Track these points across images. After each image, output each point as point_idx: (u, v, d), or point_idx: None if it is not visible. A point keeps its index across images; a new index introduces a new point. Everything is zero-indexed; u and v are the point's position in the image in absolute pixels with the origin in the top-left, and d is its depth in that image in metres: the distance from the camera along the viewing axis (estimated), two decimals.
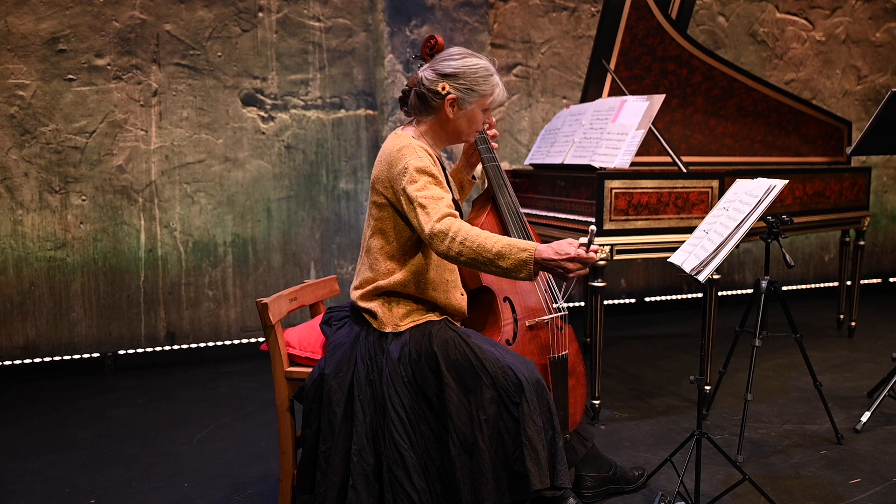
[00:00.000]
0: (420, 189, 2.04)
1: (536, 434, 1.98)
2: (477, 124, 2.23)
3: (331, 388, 2.12)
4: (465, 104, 2.17)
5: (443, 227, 1.98)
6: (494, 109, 2.26)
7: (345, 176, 4.61)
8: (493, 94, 2.19)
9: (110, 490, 2.73)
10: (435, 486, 2.06)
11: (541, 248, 1.93)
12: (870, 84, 5.90)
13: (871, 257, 6.05)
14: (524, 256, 1.92)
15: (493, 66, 2.21)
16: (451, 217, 2.00)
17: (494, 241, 1.95)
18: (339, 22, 4.51)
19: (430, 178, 2.07)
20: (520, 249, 1.93)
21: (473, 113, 2.20)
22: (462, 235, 1.96)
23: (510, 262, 1.93)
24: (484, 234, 1.96)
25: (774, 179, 2.41)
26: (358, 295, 2.22)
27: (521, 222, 2.44)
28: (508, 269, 1.94)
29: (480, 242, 1.94)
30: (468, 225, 1.99)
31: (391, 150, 2.14)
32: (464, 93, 2.16)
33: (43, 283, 4.08)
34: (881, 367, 3.99)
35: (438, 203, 2.02)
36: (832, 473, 2.78)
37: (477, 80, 2.16)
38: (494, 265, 1.95)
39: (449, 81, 2.16)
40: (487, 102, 2.20)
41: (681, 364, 4.18)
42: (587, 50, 4.97)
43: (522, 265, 1.93)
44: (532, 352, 2.36)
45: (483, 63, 2.19)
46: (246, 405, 3.62)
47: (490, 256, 1.94)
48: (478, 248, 1.94)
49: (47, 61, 3.99)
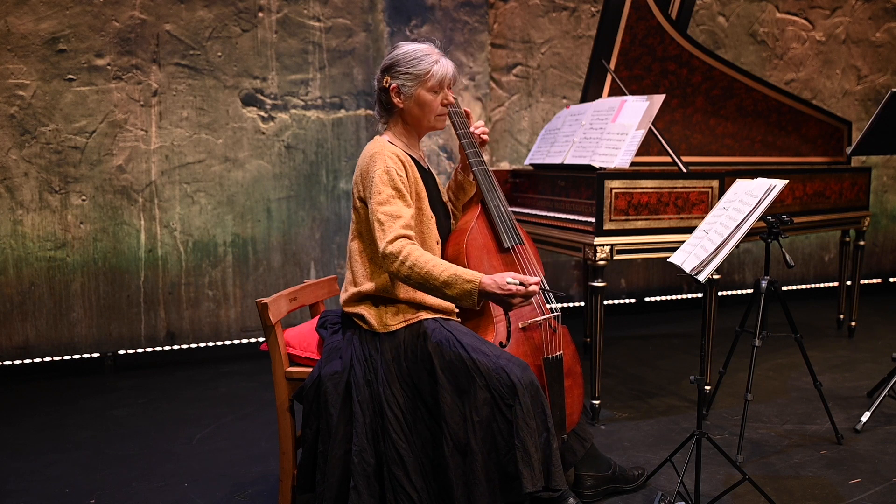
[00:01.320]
0: (381, 203, 2.09)
1: (529, 436, 1.98)
2: (429, 106, 2.23)
3: (327, 390, 2.13)
4: (407, 89, 2.20)
5: (394, 249, 2.04)
6: (446, 85, 2.26)
7: (345, 176, 4.61)
8: (431, 71, 2.20)
9: (110, 490, 2.73)
10: (433, 485, 2.07)
11: (485, 280, 2.00)
12: (870, 84, 5.90)
13: (871, 257, 6.05)
14: (469, 287, 2.00)
15: (433, 47, 2.24)
16: (403, 239, 2.05)
17: (442, 269, 2.01)
18: (339, 22, 4.51)
19: (394, 192, 2.11)
20: (465, 280, 2.00)
21: (420, 96, 2.21)
22: (411, 261, 2.02)
23: (456, 290, 2.01)
24: (432, 262, 2.02)
25: (774, 179, 2.41)
26: (344, 300, 2.25)
27: (511, 225, 2.42)
28: (454, 298, 2.03)
29: (428, 270, 2.01)
30: (419, 250, 2.04)
31: (365, 157, 2.19)
32: (402, 78, 2.20)
33: (43, 283, 4.08)
34: (881, 367, 3.99)
35: (395, 222, 2.06)
36: (832, 473, 2.78)
37: (411, 63, 2.19)
38: (441, 292, 2.03)
39: (388, 73, 2.22)
40: (430, 81, 2.20)
41: (681, 364, 4.18)
42: (587, 50, 4.97)
43: (467, 295, 2.01)
44: (526, 353, 2.35)
45: (419, 46, 2.23)
46: (246, 405, 3.62)
47: (437, 284, 2.02)
48: (425, 275, 2.02)
49: (47, 61, 3.99)
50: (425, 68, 2.19)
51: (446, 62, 2.24)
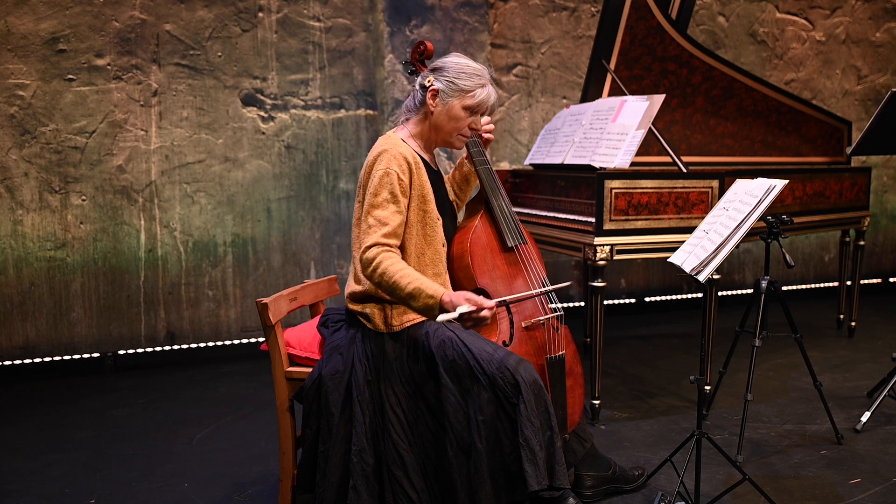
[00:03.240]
0: (374, 206, 2.11)
1: (534, 435, 1.98)
2: (457, 122, 2.23)
3: (328, 390, 2.13)
4: (445, 97, 2.20)
5: (369, 255, 2.07)
6: (484, 115, 2.26)
7: (345, 176, 4.61)
8: (475, 93, 2.20)
9: (110, 490, 2.73)
10: (434, 486, 2.07)
11: (446, 296, 2.01)
12: (870, 84, 5.90)
13: (871, 257, 6.05)
14: (430, 303, 2.03)
15: (487, 73, 2.25)
16: (379, 246, 2.08)
17: (408, 281, 2.03)
18: (339, 22, 4.51)
19: (388, 196, 2.12)
20: (427, 296, 2.02)
21: (453, 108, 2.21)
22: (381, 269, 2.05)
23: (419, 304, 2.04)
24: (401, 273, 2.04)
25: (774, 179, 2.41)
26: (349, 298, 2.24)
27: (514, 225, 2.44)
28: (417, 310, 2.06)
29: (396, 280, 2.04)
30: (392, 259, 2.07)
31: (374, 153, 2.19)
32: (445, 84, 2.20)
33: (43, 283, 4.08)
34: (881, 367, 3.99)
35: (379, 229, 2.09)
36: (832, 473, 2.78)
37: (460, 75, 2.20)
38: (406, 303, 2.07)
39: (435, 74, 2.23)
40: (469, 100, 2.21)
41: (681, 364, 4.18)
42: (587, 50, 4.97)
43: (428, 310, 2.04)
44: (529, 352, 2.36)
45: (475, 65, 2.24)
46: (246, 405, 3.62)
47: (402, 295, 2.05)
48: (392, 285, 2.05)
49: (47, 61, 3.99)
50: (470, 86, 2.20)
51: (493, 91, 2.25)
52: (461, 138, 2.28)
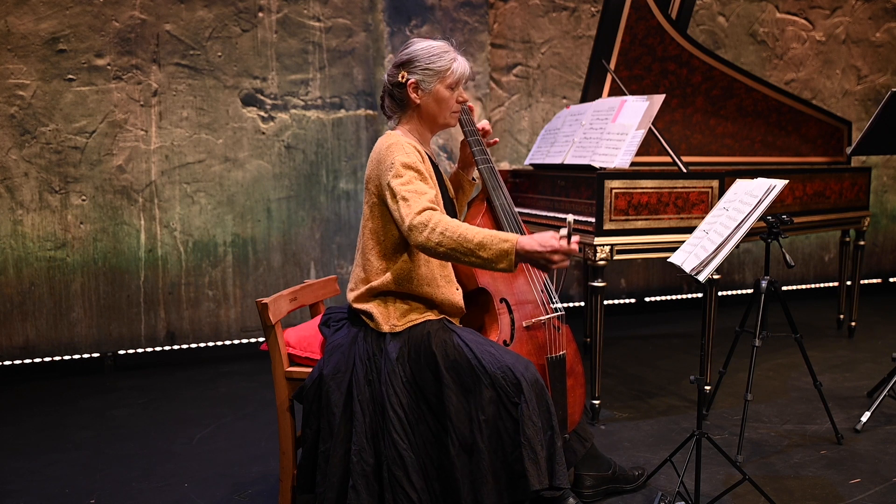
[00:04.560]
0: (404, 184, 2.06)
1: (535, 434, 1.98)
2: (447, 103, 2.25)
3: (329, 389, 2.13)
4: (426, 85, 2.21)
5: (423, 218, 1.98)
6: (462, 84, 2.27)
7: (345, 176, 4.61)
8: (451, 68, 2.21)
9: (110, 490, 2.73)
10: (434, 486, 2.06)
11: (523, 239, 1.93)
12: (870, 84, 5.90)
13: (871, 257, 6.05)
14: (505, 247, 1.93)
15: (450, 45, 2.26)
16: (430, 210, 2.01)
17: (475, 231, 1.96)
18: (339, 22, 4.51)
19: (416, 174, 2.09)
20: (501, 240, 1.93)
21: (438, 92, 2.22)
22: (442, 226, 1.96)
23: (491, 252, 1.93)
24: (465, 226, 1.97)
25: (774, 179, 2.41)
26: (353, 296, 2.23)
27: (516, 223, 2.44)
28: (489, 259, 1.94)
29: (461, 233, 1.95)
30: (448, 217, 2.01)
31: (381, 148, 2.18)
32: (421, 74, 2.20)
33: (43, 283, 4.08)
34: (881, 367, 3.99)
35: (421, 197, 2.04)
36: (832, 473, 2.78)
37: (431, 59, 2.20)
38: (475, 255, 1.95)
39: (406, 68, 2.22)
40: (449, 79, 2.22)
41: (681, 364, 4.18)
42: (587, 50, 4.97)
43: (503, 255, 1.93)
44: (529, 352, 2.36)
45: (436, 43, 2.25)
46: (246, 405, 3.62)
47: (471, 247, 1.94)
48: (458, 238, 1.95)
49: (47, 61, 3.99)
50: (445, 65, 2.21)
51: (463, 60, 2.26)
52: (454, 115, 2.31)
